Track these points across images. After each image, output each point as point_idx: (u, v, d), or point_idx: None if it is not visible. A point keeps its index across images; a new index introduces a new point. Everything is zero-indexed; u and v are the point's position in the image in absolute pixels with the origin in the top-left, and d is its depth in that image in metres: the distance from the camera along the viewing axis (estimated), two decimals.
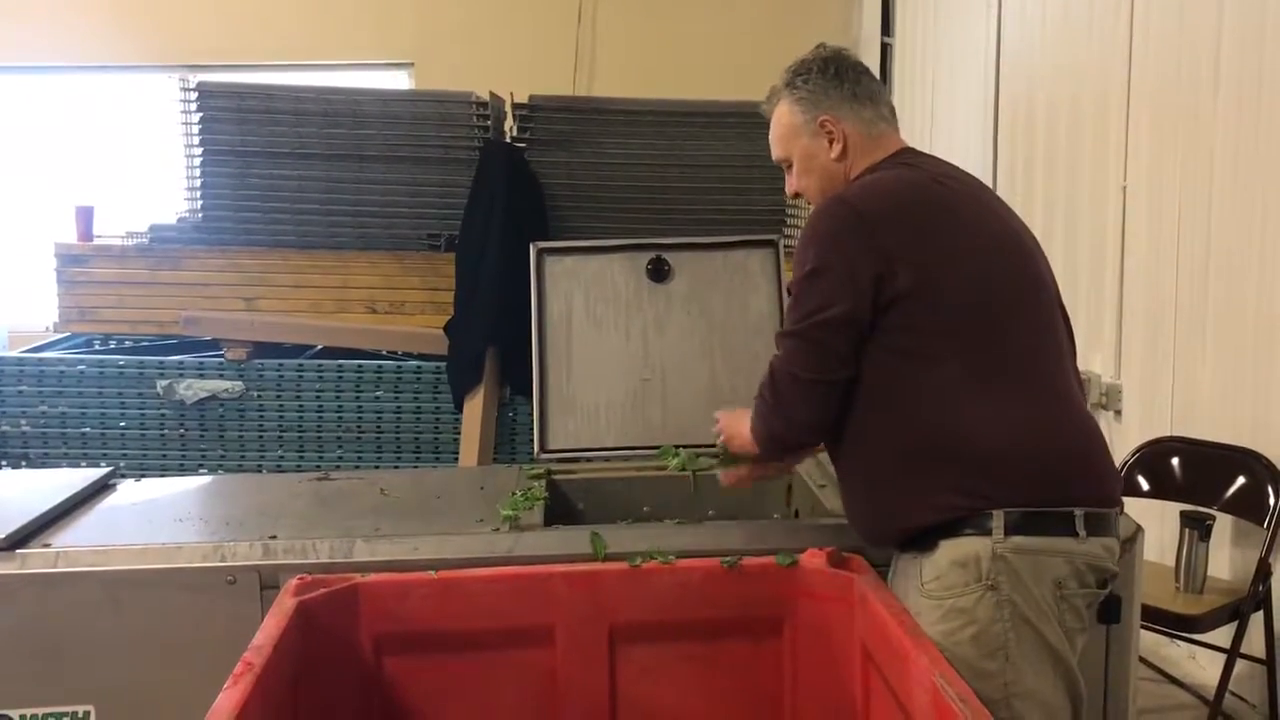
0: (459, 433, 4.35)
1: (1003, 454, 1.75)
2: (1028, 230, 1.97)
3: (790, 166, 2.05)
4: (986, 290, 1.82)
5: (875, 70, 6.17)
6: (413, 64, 6.54)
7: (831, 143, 1.97)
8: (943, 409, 1.77)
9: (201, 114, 4.58)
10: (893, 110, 2.04)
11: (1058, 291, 1.95)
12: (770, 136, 2.07)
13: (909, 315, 1.78)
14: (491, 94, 4.68)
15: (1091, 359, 4.04)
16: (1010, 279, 1.86)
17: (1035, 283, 1.89)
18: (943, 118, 5.72)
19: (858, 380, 1.83)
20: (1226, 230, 3.34)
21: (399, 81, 6.61)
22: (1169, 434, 3.45)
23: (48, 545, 2.06)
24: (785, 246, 3.05)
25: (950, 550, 1.76)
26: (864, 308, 1.78)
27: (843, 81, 1.99)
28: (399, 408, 4.43)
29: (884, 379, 1.81)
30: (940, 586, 1.77)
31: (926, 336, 1.79)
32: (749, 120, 4.72)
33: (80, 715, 1.98)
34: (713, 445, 2.24)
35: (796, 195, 2.08)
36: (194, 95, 4.59)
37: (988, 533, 1.74)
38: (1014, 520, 1.73)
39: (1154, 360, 3.69)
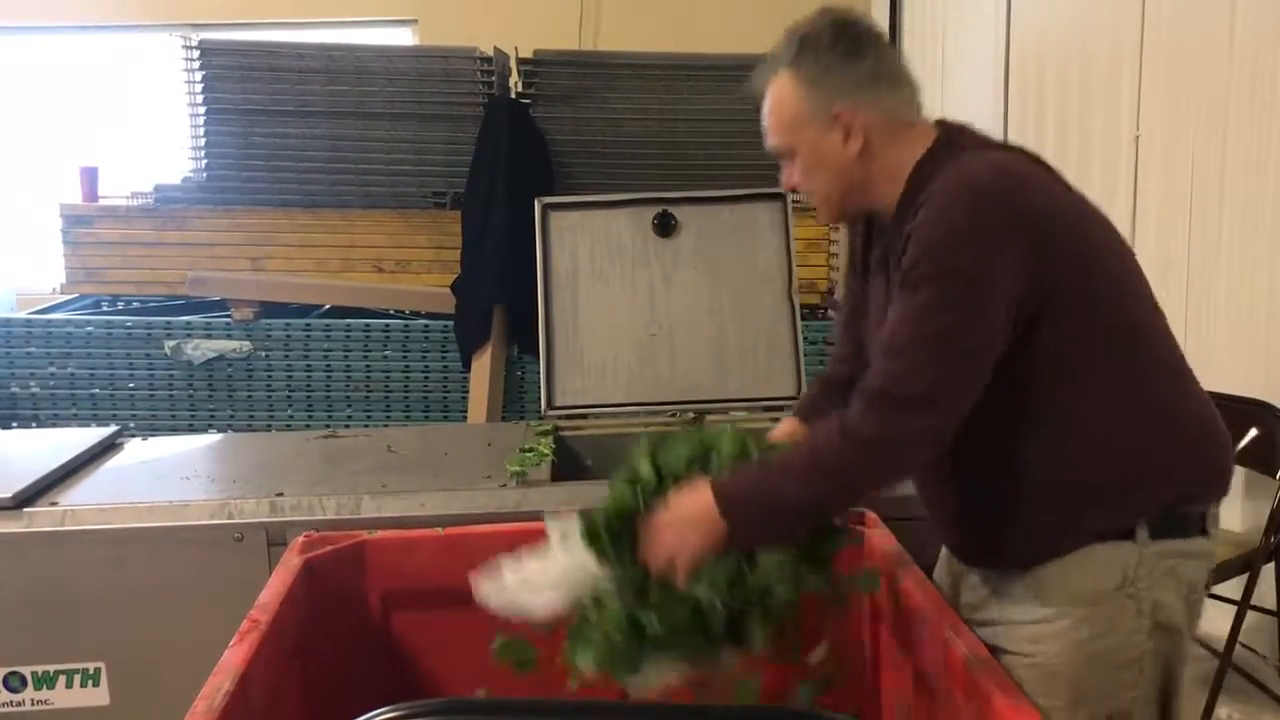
0: (467, 391, 4.35)
1: (1160, 463, 1.56)
2: None
3: (790, 158, 1.66)
4: (1125, 281, 1.61)
5: (885, 20, 6.13)
6: (416, 20, 6.46)
7: (848, 138, 1.59)
8: (1097, 423, 1.54)
9: (204, 72, 4.54)
10: (917, 88, 1.66)
11: None
12: (765, 118, 1.66)
13: (1059, 323, 1.52)
14: (496, 49, 4.63)
15: None
16: (1134, 262, 1.64)
17: (1136, 261, 1.66)
18: (953, 65, 5.65)
19: (1001, 400, 1.52)
20: (1240, 179, 3.29)
21: (402, 38, 6.53)
22: None
23: (55, 504, 2.06)
24: (793, 200, 3.01)
25: (1085, 556, 1.55)
26: (1013, 324, 1.50)
27: (860, 58, 1.59)
28: (407, 367, 4.43)
29: (1033, 396, 1.54)
30: (1069, 594, 1.55)
31: (1076, 344, 1.54)
32: None
33: (91, 671, 1.99)
34: (721, 401, 2.15)
35: (793, 190, 1.71)
36: (196, 54, 4.55)
37: (1130, 537, 1.53)
38: (1156, 525, 1.54)
39: (1166, 311, 3.65)
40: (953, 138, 1.62)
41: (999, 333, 1.49)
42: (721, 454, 1.61)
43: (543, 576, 1.59)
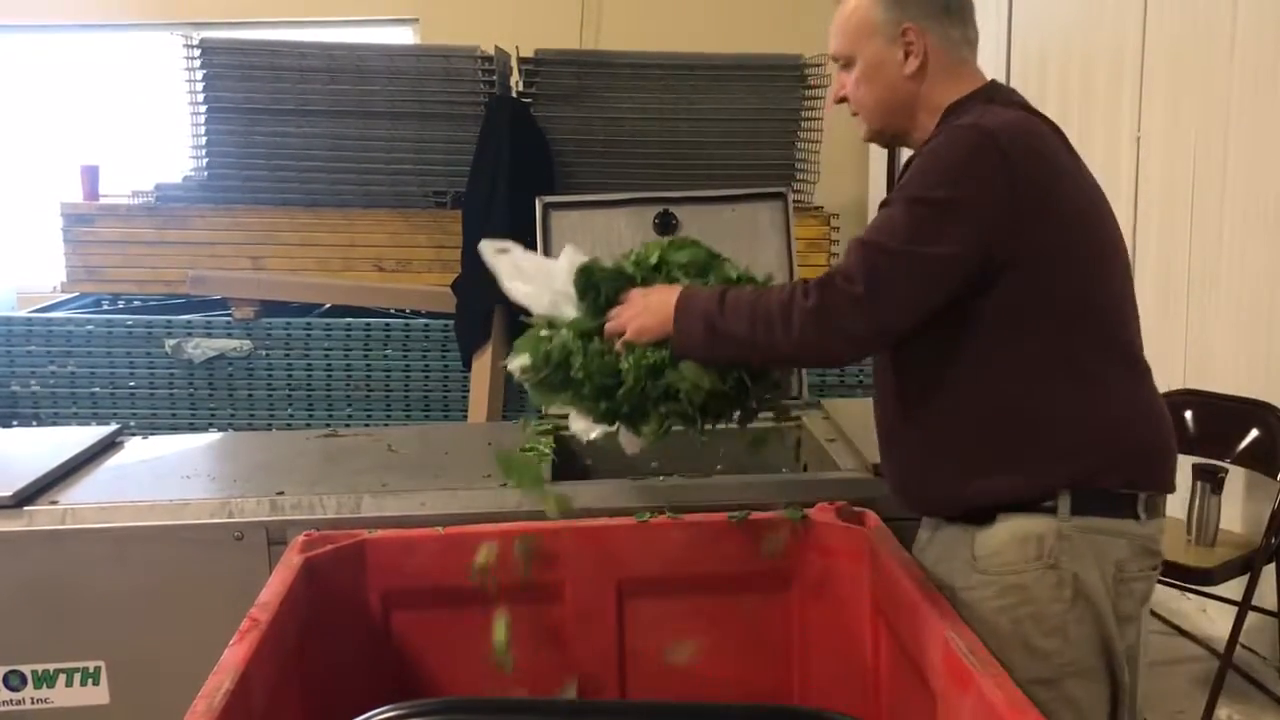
0: (467, 391, 4.35)
1: (1088, 438, 1.63)
2: None
3: (848, 66, 1.76)
4: (1102, 263, 1.67)
5: None
6: (417, 19, 6.46)
7: (908, 56, 1.70)
8: (1036, 385, 1.62)
9: (205, 71, 4.54)
10: (978, 36, 1.76)
11: None
12: (834, 24, 1.76)
13: (1023, 282, 1.59)
14: (497, 48, 4.63)
15: None
16: (1119, 250, 1.70)
17: (1125, 252, 1.73)
18: None
19: (949, 341, 1.64)
20: (1242, 181, 3.29)
21: (403, 37, 6.54)
22: (1182, 386, 3.42)
23: (55, 502, 2.06)
24: (794, 200, 3.01)
25: (1010, 526, 1.65)
26: (973, 268, 1.58)
27: None
28: (407, 366, 4.43)
29: (980, 345, 1.63)
30: (998, 562, 1.65)
31: (1035, 306, 1.61)
32: (757, 73, 4.66)
33: (91, 670, 1.99)
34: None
35: (841, 100, 1.79)
36: (197, 52, 4.55)
37: (1051, 511, 1.63)
38: (1079, 500, 1.63)
39: (1167, 312, 3.66)
40: (993, 92, 1.72)
41: (956, 270, 1.58)
42: (717, 275, 1.86)
43: (536, 277, 1.86)
